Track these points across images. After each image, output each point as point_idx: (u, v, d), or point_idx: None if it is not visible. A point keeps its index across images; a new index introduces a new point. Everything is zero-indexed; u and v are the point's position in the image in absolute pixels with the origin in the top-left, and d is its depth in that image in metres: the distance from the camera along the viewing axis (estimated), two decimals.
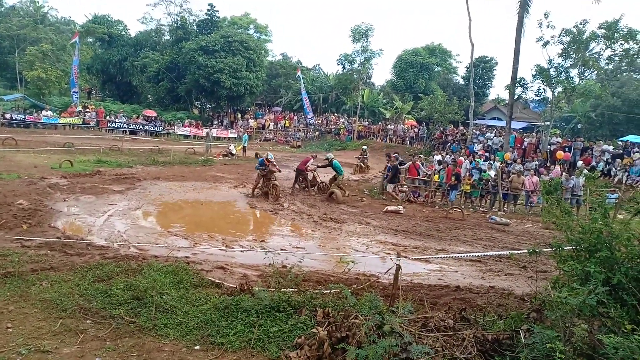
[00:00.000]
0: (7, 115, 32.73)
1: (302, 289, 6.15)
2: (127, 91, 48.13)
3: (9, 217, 9.75)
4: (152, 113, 39.94)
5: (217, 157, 25.86)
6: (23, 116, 33.42)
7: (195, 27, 46.39)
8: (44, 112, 34.36)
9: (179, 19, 46.59)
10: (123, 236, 9.70)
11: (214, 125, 40.96)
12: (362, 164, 24.71)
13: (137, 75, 45.49)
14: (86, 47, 47.91)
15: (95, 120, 36.31)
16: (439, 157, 21.81)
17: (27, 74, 38.18)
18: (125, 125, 36.62)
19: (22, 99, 37.95)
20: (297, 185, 17.24)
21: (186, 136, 37.30)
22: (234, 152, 27.08)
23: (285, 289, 5.92)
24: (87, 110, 37.53)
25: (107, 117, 36.93)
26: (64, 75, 39.87)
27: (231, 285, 6.71)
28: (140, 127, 37.28)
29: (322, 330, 4.74)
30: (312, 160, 17.61)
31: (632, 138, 28.65)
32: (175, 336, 5.12)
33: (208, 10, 45.99)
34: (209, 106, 47.16)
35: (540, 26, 23.51)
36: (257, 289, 6.20)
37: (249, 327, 5.25)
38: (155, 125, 38.01)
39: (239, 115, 44.58)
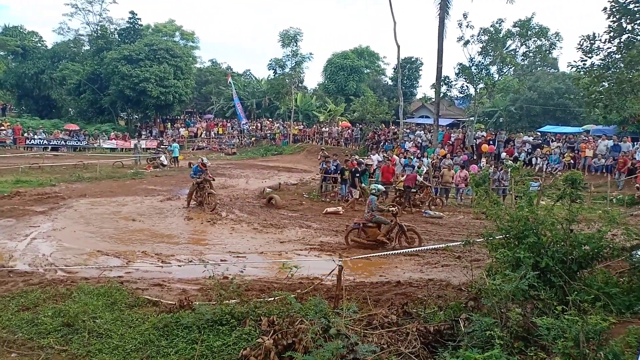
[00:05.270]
0: None
1: (245, 299, 6.00)
2: (46, 105, 45.31)
3: None
4: (74, 127, 37.76)
5: (148, 169, 24.91)
6: None
7: (116, 36, 44.51)
8: None
9: (98, 28, 44.59)
10: (49, 260, 9.08)
11: (143, 136, 39.53)
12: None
13: (56, 89, 43.02)
14: None
15: (11, 138, 33.92)
16: (377, 156, 22.19)
17: None
18: (45, 142, 34.39)
19: None
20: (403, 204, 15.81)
21: (113, 149, 35.62)
22: (165, 162, 26.21)
23: (227, 301, 5.76)
24: (2, 127, 34.91)
25: (25, 134, 34.53)
26: None
27: (169, 302, 6.47)
28: (62, 142, 35.15)
29: (268, 340, 4.65)
30: (418, 176, 16.40)
31: (548, 128, 30.85)
32: None
33: (129, 18, 44.18)
34: (136, 117, 45.29)
35: (460, 26, 24.75)
36: (197, 303, 6.00)
37: (190, 344, 5.08)
38: (79, 140, 35.99)
39: (169, 124, 43.34)
